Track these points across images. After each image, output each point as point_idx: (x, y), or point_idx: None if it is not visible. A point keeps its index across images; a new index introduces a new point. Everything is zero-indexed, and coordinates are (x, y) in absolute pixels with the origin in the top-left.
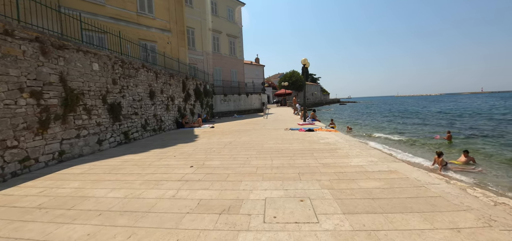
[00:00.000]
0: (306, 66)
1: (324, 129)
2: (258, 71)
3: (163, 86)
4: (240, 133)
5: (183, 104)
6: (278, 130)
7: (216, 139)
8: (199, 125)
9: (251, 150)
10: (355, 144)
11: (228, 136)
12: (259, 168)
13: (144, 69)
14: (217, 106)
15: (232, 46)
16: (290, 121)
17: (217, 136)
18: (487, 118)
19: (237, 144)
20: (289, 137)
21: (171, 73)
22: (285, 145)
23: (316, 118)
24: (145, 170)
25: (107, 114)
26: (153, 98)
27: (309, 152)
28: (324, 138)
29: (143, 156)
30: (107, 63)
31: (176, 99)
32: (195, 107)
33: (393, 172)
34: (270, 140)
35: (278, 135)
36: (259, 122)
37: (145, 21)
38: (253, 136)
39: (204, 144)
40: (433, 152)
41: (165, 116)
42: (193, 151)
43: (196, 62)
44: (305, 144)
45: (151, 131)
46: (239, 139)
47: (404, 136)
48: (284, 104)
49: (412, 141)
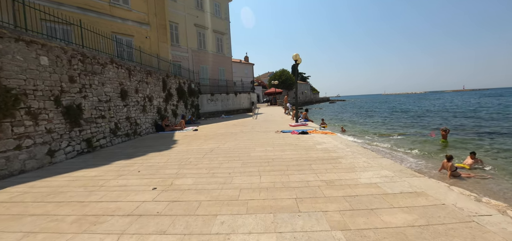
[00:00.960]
0: (298, 62)
1: (319, 131)
2: (247, 69)
3: (139, 85)
4: (226, 137)
5: (163, 104)
6: (268, 133)
7: (197, 146)
8: (182, 127)
9: (235, 161)
10: (358, 150)
11: (211, 142)
12: (244, 190)
13: (113, 65)
14: (204, 106)
15: (219, 43)
16: (281, 122)
17: (199, 141)
18: (485, 116)
19: (220, 152)
20: (281, 142)
21: (148, 70)
22: (276, 153)
23: (309, 118)
24: (92, 195)
25: (61, 119)
26: (125, 98)
27: (306, 163)
28: (321, 142)
29: (100, 171)
30: (61, 56)
31: (155, 99)
32: (178, 108)
33: (421, 195)
34: (259, 146)
35: (268, 139)
36: (248, 123)
37: (120, 13)
38: (240, 141)
39: (181, 152)
40: (431, 152)
41: (141, 118)
42: (165, 163)
43: (180, 60)
44: (300, 151)
45: (123, 137)
46: (223, 145)
47: (400, 134)
48: (274, 103)
49: (409, 140)
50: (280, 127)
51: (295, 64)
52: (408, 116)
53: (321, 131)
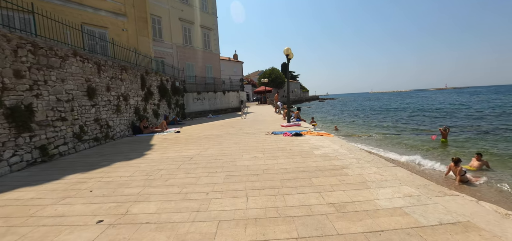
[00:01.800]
0: (289, 57)
1: (314, 132)
2: (236, 67)
3: (111, 82)
4: (210, 140)
5: (142, 104)
6: (258, 135)
7: (174, 152)
8: (162, 129)
9: (217, 174)
10: (363, 156)
11: (193, 146)
12: (223, 223)
13: (77, 59)
14: (190, 105)
15: (206, 39)
16: (272, 122)
17: (178, 146)
18: (478, 115)
19: (201, 160)
20: (273, 146)
21: (123, 65)
22: (267, 162)
23: (301, 118)
24: (6, 236)
25: (3, 122)
26: (93, 97)
27: (305, 176)
28: (318, 146)
29: (41, 191)
30: (2, 46)
31: (132, 98)
32: (160, 108)
33: (470, 228)
34: (247, 151)
35: (258, 143)
36: (236, 123)
37: (91, 2)
38: (225, 146)
39: (154, 161)
40: (431, 153)
41: (114, 120)
42: (129, 178)
43: (164, 56)
44: (296, 159)
45: (91, 141)
46: (206, 152)
47: (396, 134)
48: (264, 102)
49: (404, 140)
50: (271, 128)
51: (287, 59)
52: (402, 115)
53: (316, 132)
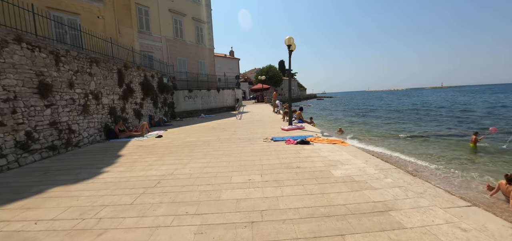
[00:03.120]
0: (292, 48)
1: (324, 139)
2: (232, 64)
3: (76, 77)
4: (194, 149)
5: (120, 103)
6: (255, 142)
7: (141, 170)
8: (142, 133)
9: (186, 221)
10: (408, 182)
11: (169, 159)
12: None
13: (22, 46)
14: (180, 104)
15: (199, 33)
16: (270, 123)
17: (152, 157)
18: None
19: (170, 188)
20: (274, 161)
21: (93, 57)
22: (268, 193)
23: (304, 119)
24: None
25: None
26: (48, 95)
27: (332, 229)
28: (335, 161)
29: None
30: None
31: (106, 96)
32: (144, 107)
33: None
34: (239, 170)
35: (254, 156)
36: (230, 125)
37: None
38: (211, 159)
39: (105, 187)
40: (464, 165)
41: (80, 123)
42: (48, 225)
43: (152, 50)
44: (310, 187)
45: (44, 151)
46: (183, 169)
47: (421, 137)
48: (261, 100)
49: (431, 145)
50: (269, 132)
51: (288, 51)
52: (409, 114)
53: (326, 139)
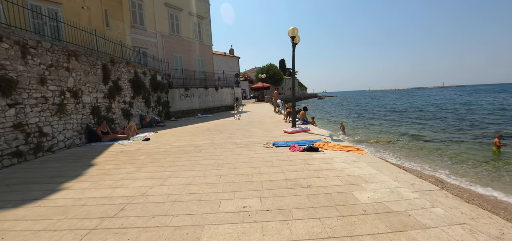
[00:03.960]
0: (296, 41)
1: (335, 144)
2: (232, 63)
3: (49, 72)
4: (181, 157)
5: (105, 102)
6: (254, 148)
7: (108, 186)
8: (129, 135)
9: None
10: (466, 212)
11: (147, 171)
12: None
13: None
14: (176, 103)
15: (197, 29)
16: (271, 125)
17: (128, 168)
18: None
19: (137, 216)
20: (277, 175)
21: (72, 50)
22: (269, 234)
23: (308, 120)
24: None
25: None
26: (11, 92)
27: None
28: (355, 177)
29: None
30: None
31: (88, 94)
32: (134, 106)
33: None
34: (231, 191)
35: (252, 168)
36: (227, 126)
37: None
38: (198, 173)
39: (53, 213)
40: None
41: (54, 124)
42: None
43: (147, 46)
44: (330, 221)
45: (6, 158)
46: (160, 188)
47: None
48: (262, 100)
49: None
50: (271, 135)
51: (292, 43)
52: (415, 115)
53: (338, 145)
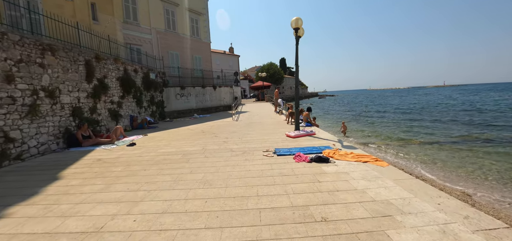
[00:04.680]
0: (300, 34)
1: (347, 153)
2: (232, 61)
3: (18, 68)
4: (164, 169)
5: (88, 102)
6: (252, 156)
7: (58, 217)
8: (113, 139)
9: None
10: None
11: (117, 192)
12: None
13: None
14: (171, 103)
15: (194, 25)
16: (272, 126)
17: (95, 186)
18: None
19: None
20: (280, 203)
21: (48, 44)
22: None
23: (312, 121)
24: None
25: None
26: None
27: None
28: (386, 205)
29: None
30: None
31: (68, 93)
32: (123, 107)
33: None
34: (218, 227)
35: (247, 187)
36: (223, 129)
37: None
38: (179, 194)
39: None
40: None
41: (25, 128)
42: None
43: (140, 43)
44: None
45: None
46: (124, 220)
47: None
48: (262, 99)
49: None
50: (271, 140)
51: (295, 36)
52: (423, 114)
53: (349, 153)
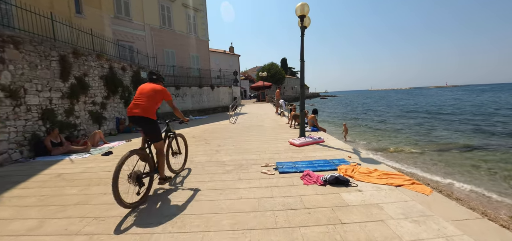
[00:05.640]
0: (306, 24)
1: (370, 171)
2: (232, 61)
3: None
4: None
5: (64, 103)
6: (246, 174)
7: None
8: (88, 147)
9: None
10: None
11: (50, 235)
12: None
13: None
14: (165, 103)
15: (191, 22)
16: (273, 130)
17: (23, 224)
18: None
19: None
20: None
21: (7, 36)
22: None
23: (320, 127)
24: None
25: None
26: None
27: None
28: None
29: None
30: None
31: (36, 93)
32: (108, 108)
33: None
34: None
35: (236, 226)
36: (218, 133)
37: None
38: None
39: None
40: None
41: None
42: None
43: (133, 39)
44: None
45: None
46: None
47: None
48: (262, 99)
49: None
50: (272, 149)
51: (301, 27)
52: (437, 116)
53: (371, 170)
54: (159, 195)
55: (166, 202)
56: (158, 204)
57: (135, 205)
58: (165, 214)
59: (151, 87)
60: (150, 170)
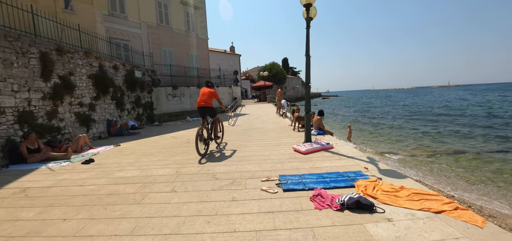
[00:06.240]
0: (311, 15)
1: (397, 189)
2: (232, 60)
3: None
4: (97, 214)
5: (46, 105)
6: (243, 193)
7: None
8: (68, 154)
9: None
10: None
11: None
12: None
13: None
14: (162, 104)
15: (190, 20)
16: (275, 134)
17: None
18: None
19: None
20: None
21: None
22: None
23: (326, 130)
24: None
25: None
26: None
27: None
28: None
29: None
30: None
31: (12, 94)
32: (97, 110)
33: None
34: None
35: None
36: None
37: None
38: None
39: None
40: None
41: None
42: None
43: (129, 37)
44: None
45: None
46: None
47: None
48: (263, 100)
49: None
50: (274, 157)
51: (306, 18)
52: (446, 116)
53: (398, 189)
54: (144, 222)
55: (146, 232)
56: (132, 238)
57: (204, 154)
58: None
59: (208, 90)
60: (207, 137)
